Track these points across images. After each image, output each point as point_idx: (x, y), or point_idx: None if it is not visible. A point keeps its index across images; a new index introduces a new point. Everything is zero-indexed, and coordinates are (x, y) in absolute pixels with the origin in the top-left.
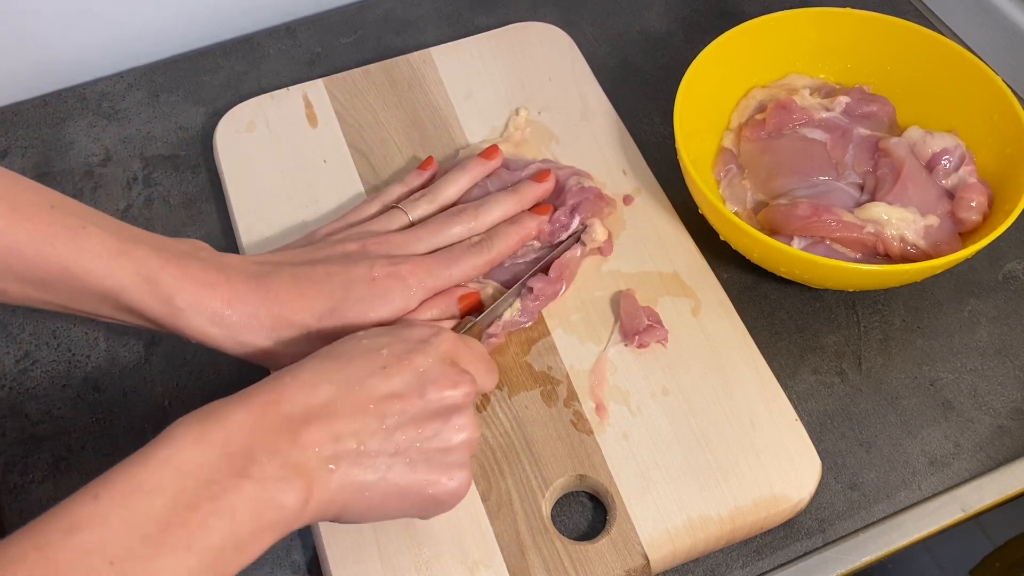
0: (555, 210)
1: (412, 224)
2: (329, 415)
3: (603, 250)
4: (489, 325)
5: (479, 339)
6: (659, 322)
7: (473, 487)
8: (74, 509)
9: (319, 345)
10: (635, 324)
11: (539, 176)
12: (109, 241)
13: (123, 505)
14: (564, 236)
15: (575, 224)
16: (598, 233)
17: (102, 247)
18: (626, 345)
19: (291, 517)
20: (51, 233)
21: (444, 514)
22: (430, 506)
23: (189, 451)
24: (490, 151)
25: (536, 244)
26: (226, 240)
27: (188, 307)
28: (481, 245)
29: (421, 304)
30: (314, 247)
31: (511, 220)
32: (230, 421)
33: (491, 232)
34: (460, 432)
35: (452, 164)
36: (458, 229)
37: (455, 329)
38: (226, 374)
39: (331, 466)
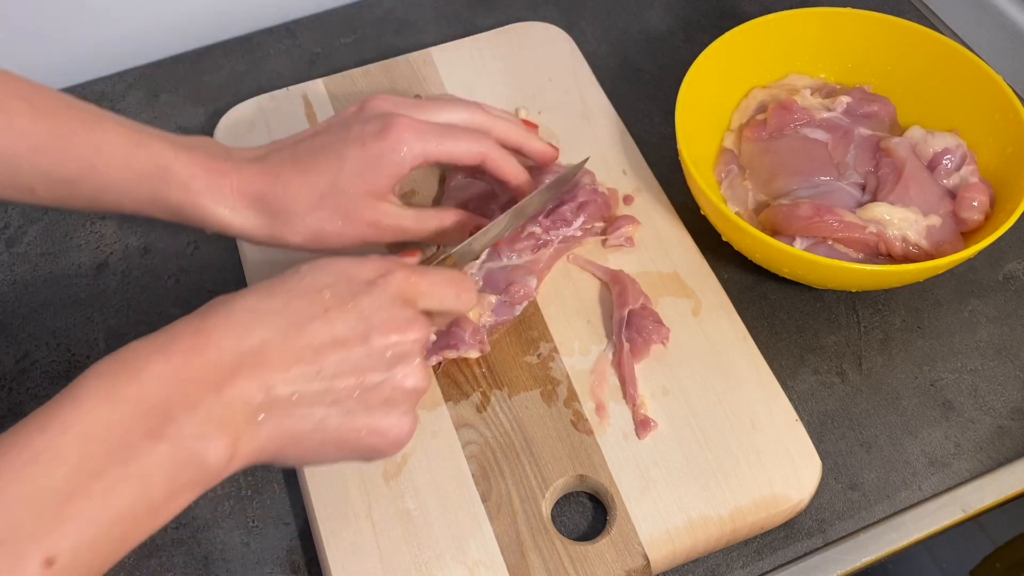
0: (563, 204)
1: None
2: (261, 363)
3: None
4: (475, 258)
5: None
6: (659, 321)
7: (474, 488)
8: None
9: (327, 226)
10: (642, 327)
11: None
12: (126, 133)
13: (18, 478)
14: (567, 232)
15: (579, 222)
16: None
17: (119, 139)
18: (625, 341)
19: (212, 474)
20: (70, 129)
21: (442, 514)
22: (370, 454)
23: (97, 411)
24: None
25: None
26: (225, 240)
27: (203, 192)
28: (479, 131)
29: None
30: (324, 121)
31: (517, 121)
32: (147, 373)
33: (494, 121)
34: (405, 380)
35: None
36: (464, 115)
37: (427, 261)
38: None
39: (260, 416)
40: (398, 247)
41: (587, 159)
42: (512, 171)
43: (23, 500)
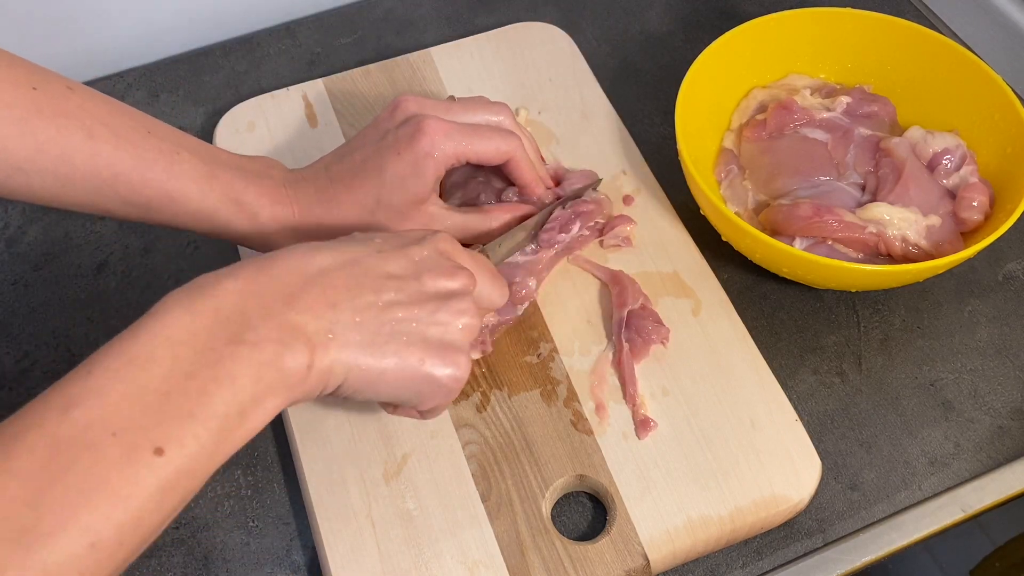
0: (562, 203)
1: None
2: (325, 283)
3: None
4: (500, 261)
5: None
6: (659, 321)
7: (474, 488)
8: (67, 387)
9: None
10: (641, 327)
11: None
12: (200, 166)
13: (118, 379)
14: (564, 238)
15: (575, 230)
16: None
17: (194, 172)
18: (625, 341)
19: (293, 381)
20: (151, 159)
21: (442, 514)
22: (429, 388)
23: (180, 321)
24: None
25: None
26: (226, 240)
27: (270, 222)
28: (507, 131)
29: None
30: (363, 129)
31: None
32: (220, 289)
33: (521, 129)
34: (459, 316)
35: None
36: (492, 116)
37: None
38: None
39: (329, 335)
40: None
41: (600, 180)
42: (533, 176)
43: (127, 398)
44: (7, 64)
